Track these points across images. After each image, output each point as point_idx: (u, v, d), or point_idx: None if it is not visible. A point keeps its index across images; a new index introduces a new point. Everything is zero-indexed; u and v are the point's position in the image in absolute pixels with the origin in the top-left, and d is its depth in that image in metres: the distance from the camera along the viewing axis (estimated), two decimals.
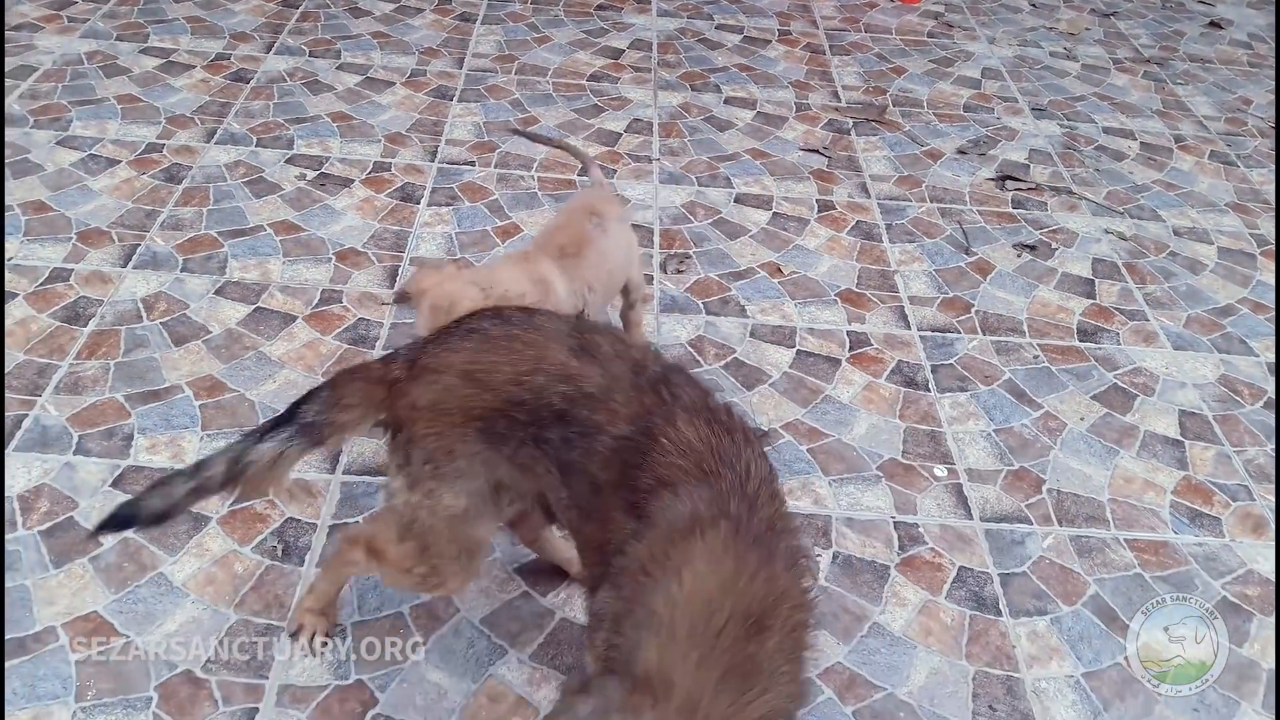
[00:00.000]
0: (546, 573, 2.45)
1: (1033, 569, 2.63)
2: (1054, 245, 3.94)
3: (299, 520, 2.50)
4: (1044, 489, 2.87)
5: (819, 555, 2.59)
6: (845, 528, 2.67)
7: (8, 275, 3.15)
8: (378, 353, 3.03)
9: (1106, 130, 4.81)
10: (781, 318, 3.38)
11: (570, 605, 2.39)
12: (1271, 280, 3.86)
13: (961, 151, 4.51)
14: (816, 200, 4.04)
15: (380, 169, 3.90)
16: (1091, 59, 5.53)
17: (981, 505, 2.79)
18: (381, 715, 2.13)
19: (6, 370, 2.82)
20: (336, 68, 4.55)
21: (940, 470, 2.89)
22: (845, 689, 2.29)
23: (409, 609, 2.33)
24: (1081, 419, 3.13)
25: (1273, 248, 4.06)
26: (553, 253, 2.66)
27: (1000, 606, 2.52)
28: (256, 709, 2.11)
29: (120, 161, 3.75)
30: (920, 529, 2.70)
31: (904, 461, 2.89)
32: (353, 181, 3.81)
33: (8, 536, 2.39)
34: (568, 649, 2.29)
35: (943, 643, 2.42)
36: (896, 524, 2.70)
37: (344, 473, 2.65)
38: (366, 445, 2.72)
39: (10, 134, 3.82)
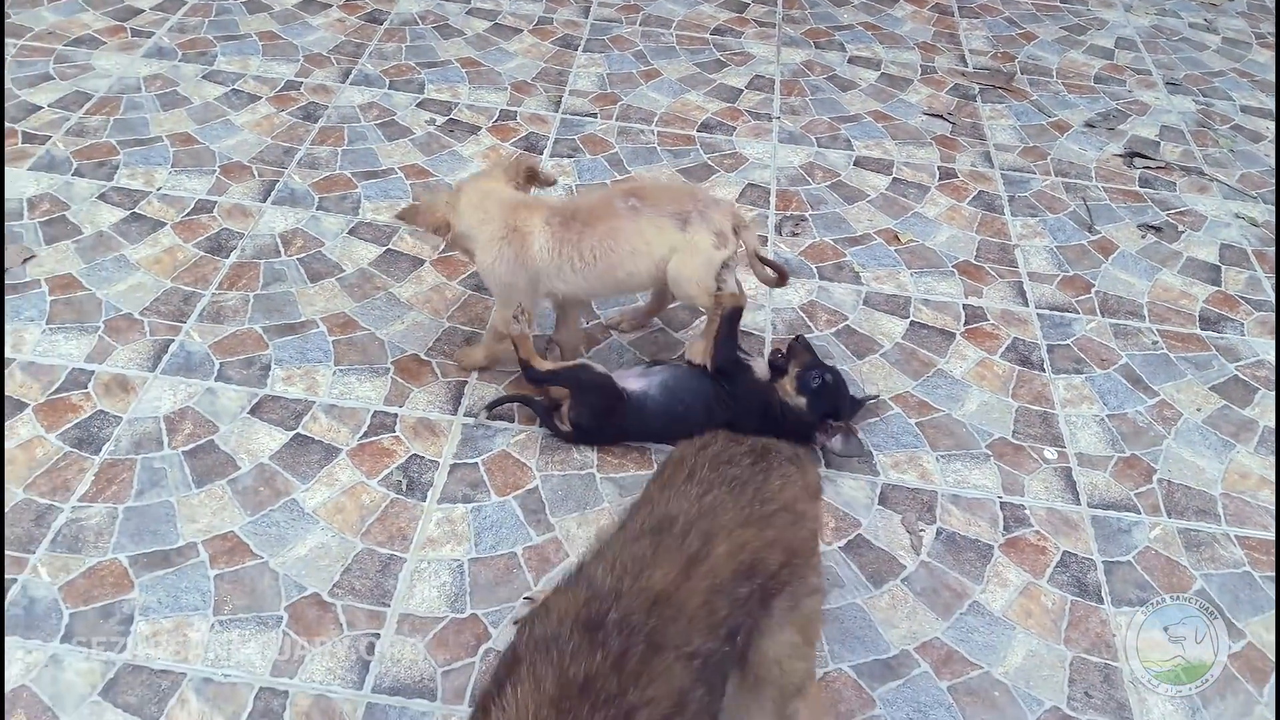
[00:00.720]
0: None
1: (1138, 559, 2.62)
2: (1180, 228, 3.81)
3: (422, 457, 2.63)
4: (1154, 479, 2.84)
5: (922, 530, 2.61)
6: (951, 504, 2.69)
7: (157, 204, 3.33)
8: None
9: (1244, 109, 4.60)
10: (896, 287, 3.37)
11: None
12: None
13: (1090, 125, 4.38)
14: (938, 167, 3.98)
15: (506, 117, 3.97)
16: (1233, 32, 5.27)
17: (1090, 491, 2.78)
18: (493, 650, 2.26)
19: (156, 296, 3.00)
20: (466, 12, 4.62)
21: (1050, 453, 2.87)
22: (941, 664, 2.34)
23: (522, 550, 2.45)
24: (1198, 409, 3.06)
25: None
26: (562, 213, 2.65)
27: (1103, 594, 2.52)
28: (377, 634, 2.26)
29: (261, 98, 3.90)
30: (1026, 511, 2.70)
31: (1014, 441, 2.89)
32: (480, 129, 3.89)
33: (155, 454, 2.56)
34: None
35: (1042, 625, 2.44)
36: (1003, 504, 2.71)
37: (465, 415, 2.76)
38: (488, 388, 2.83)
39: (159, 66, 4.00)
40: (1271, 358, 3.28)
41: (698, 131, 4.02)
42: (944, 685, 2.30)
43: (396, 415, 2.73)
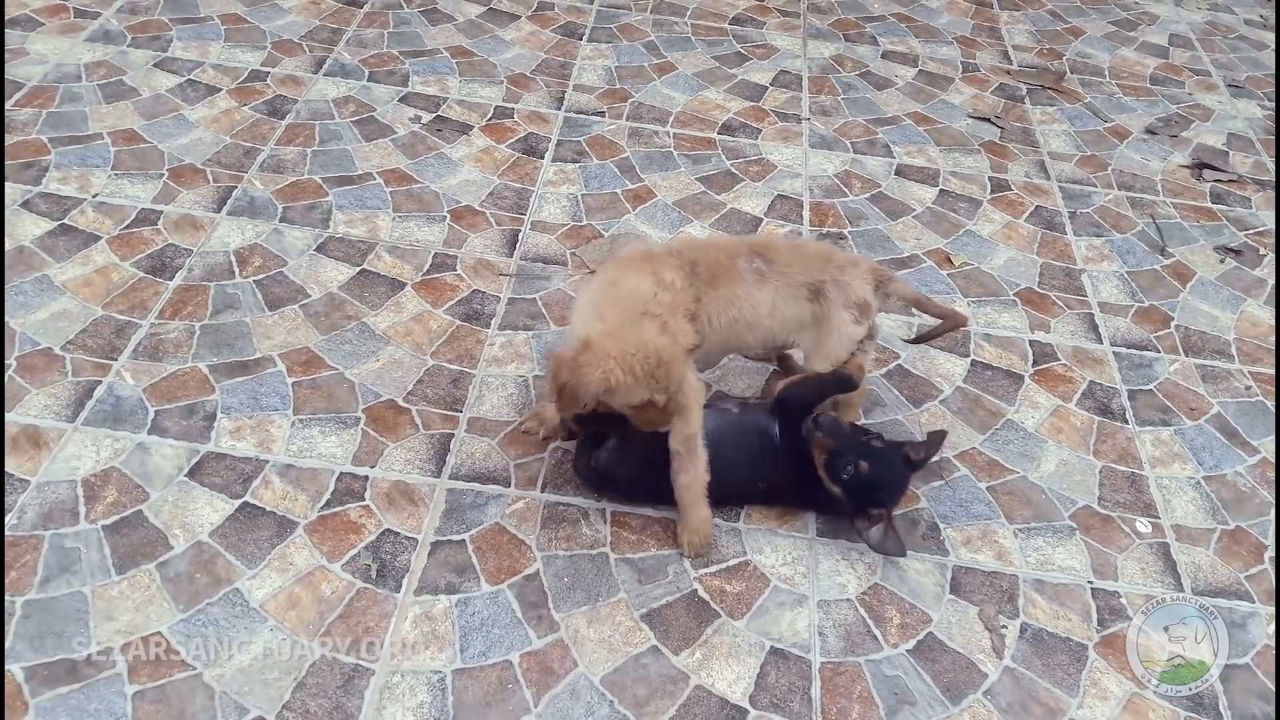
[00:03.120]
0: (679, 622, 2.07)
1: (1257, 660, 2.17)
2: (1261, 250, 3.37)
3: (397, 533, 2.16)
4: (1266, 557, 2.39)
5: (1004, 627, 2.16)
6: (1034, 592, 2.24)
7: (91, 214, 2.84)
8: (493, 331, 2.65)
9: None
10: None
11: (706, 669, 2.00)
12: None
13: (1150, 131, 3.93)
14: (989, 178, 3.52)
15: (502, 115, 3.49)
16: None
17: (1193, 574, 2.33)
18: None
19: (82, 327, 2.52)
20: None
21: (1143, 525, 2.42)
22: None
23: (519, 657, 1.98)
24: None
25: None
26: (683, 261, 2.21)
27: (1220, 709, 2.07)
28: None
29: (221, 90, 3.41)
30: (1122, 600, 2.25)
31: (1100, 511, 2.43)
32: (472, 128, 3.41)
33: (69, 529, 2.09)
34: None
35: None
36: (1094, 590, 2.26)
37: (450, 477, 2.29)
38: (477, 445, 2.36)
39: (104, 52, 3.50)
40: None
41: (719, 134, 3.55)
42: None
43: (367, 479, 2.26)
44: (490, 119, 3.46)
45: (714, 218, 3.17)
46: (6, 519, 2.08)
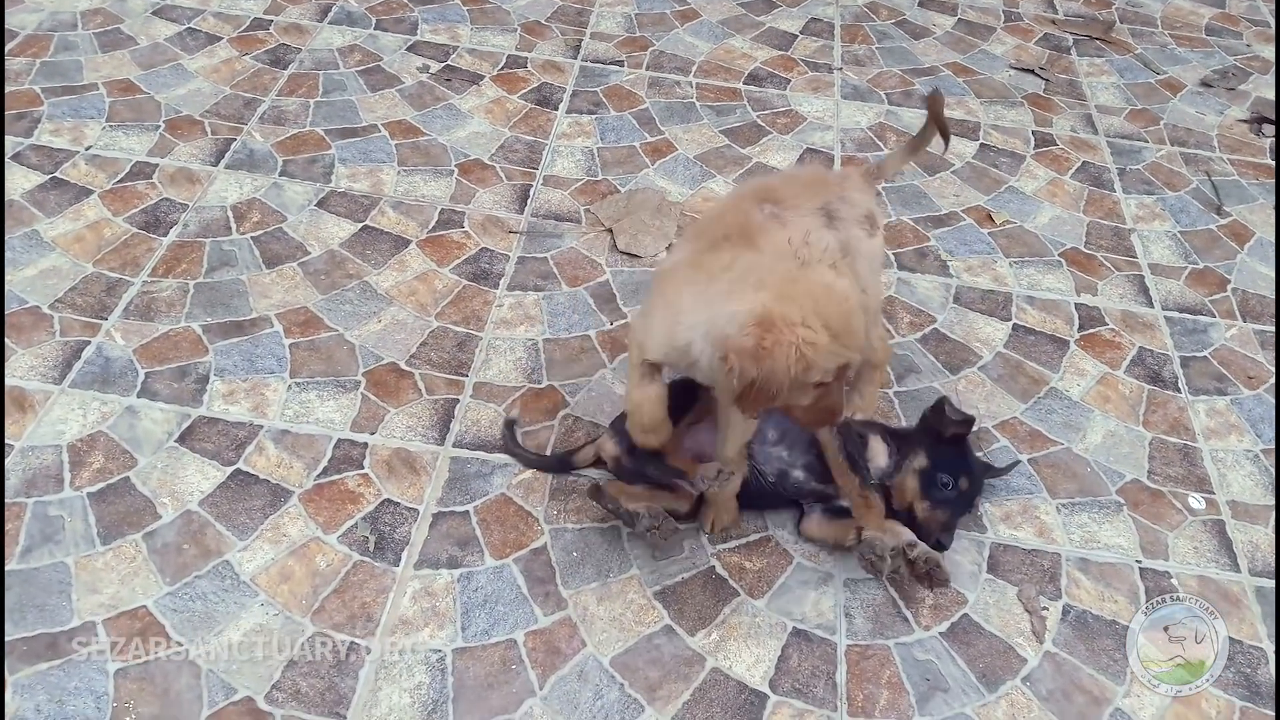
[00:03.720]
0: (695, 601, 1.94)
1: None
2: None
3: (397, 504, 2.03)
4: None
5: (1045, 609, 2.00)
6: (1079, 572, 2.08)
7: (84, 167, 2.71)
8: (501, 292, 2.51)
9: None
10: (994, 280, 2.73)
11: (724, 651, 1.87)
12: None
13: (1206, 84, 3.70)
14: (1033, 132, 3.32)
15: (515, 64, 3.33)
16: None
17: (1250, 553, 2.16)
18: None
19: (72, 285, 2.39)
20: None
21: (1196, 500, 2.26)
22: None
23: (523, 635, 1.85)
24: None
25: None
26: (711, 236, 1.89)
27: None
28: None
29: (221, 38, 3.27)
30: (1173, 580, 2.09)
31: (1150, 485, 2.27)
32: (483, 78, 3.24)
33: (52, 497, 1.98)
34: (721, 714, 1.78)
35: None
36: (1142, 570, 2.10)
37: (454, 445, 2.16)
38: (483, 411, 2.22)
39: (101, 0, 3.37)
40: None
41: (744, 84, 3.37)
42: None
43: (366, 446, 2.13)
44: (502, 68, 3.29)
45: (738, 172, 2.99)
46: None
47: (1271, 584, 2.11)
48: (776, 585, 1.99)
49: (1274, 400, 2.51)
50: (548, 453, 2.16)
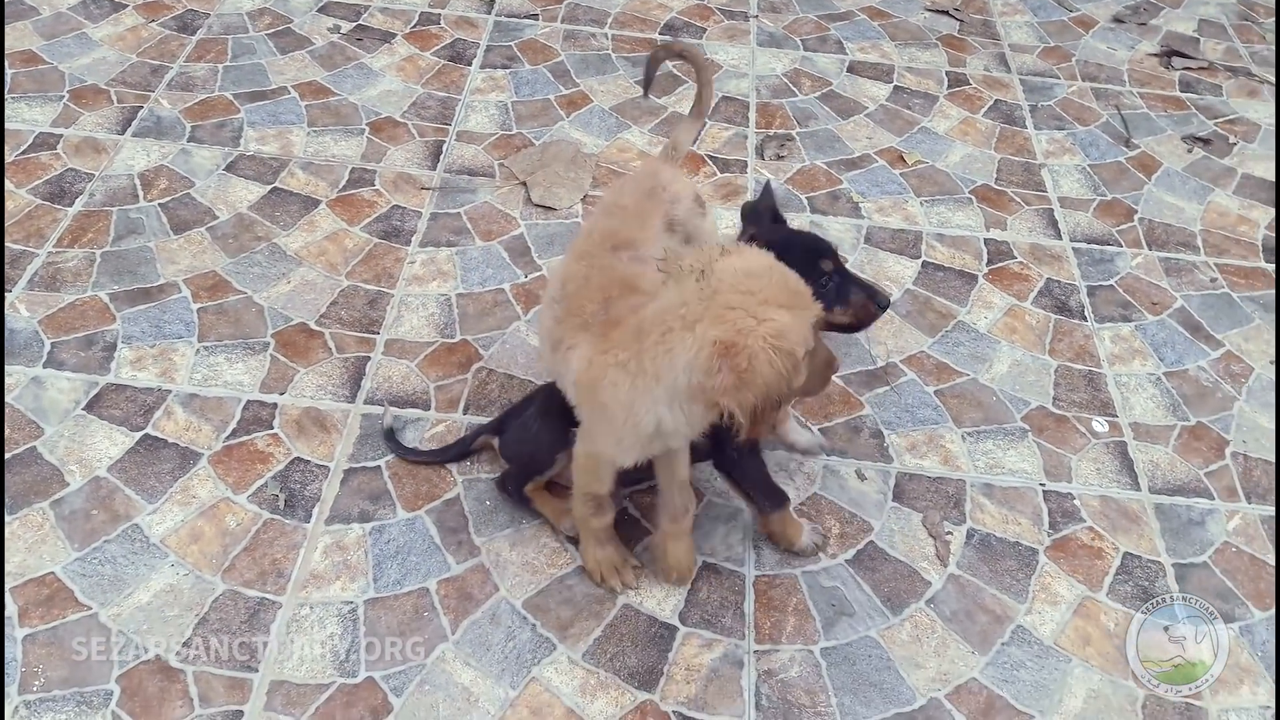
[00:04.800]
0: None
1: (1215, 559, 2.09)
2: (1231, 139, 3.22)
3: (307, 461, 2.04)
4: (1227, 452, 2.29)
5: (949, 533, 2.06)
6: (983, 497, 2.14)
7: None
8: (413, 249, 2.51)
9: None
10: (904, 219, 2.77)
11: (639, 589, 1.91)
12: None
13: (1118, 20, 3.74)
14: (946, 73, 3.35)
15: (428, 21, 3.30)
16: None
17: (1151, 473, 2.23)
18: None
19: None
20: None
21: (1100, 424, 2.32)
22: (981, 715, 1.80)
23: (435, 584, 1.88)
24: (1271, 362, 2.51)
25: None
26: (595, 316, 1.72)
27: (1175, 605, 1.99)
28: (241, 712, 1.69)
29: (126, 6, 3.20)
30: (1076, 503, 2.16)
31: (1055, 411, 2.33)
32: (395, 36, 3.22)
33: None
34: (632, 648, 1.82)
35: (1103, 656, 1.91)
36: (1046, 493, 2.16)
37: (366, 402, 2.17)
38: (394, 368, 2.23)
39: None
40: None
41: (660, 34, 3.37)
42: None
43: (276, 406, 2.13)
44: (415, 26, 3.26)
45: (654, 122, 3.00)
46: None
47: (1170, 500, 2.18)
48: None
49: (1179, 326, 2.58)
50: (460, 409, 2.17)
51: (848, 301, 1.89)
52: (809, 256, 1.83)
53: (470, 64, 3.13)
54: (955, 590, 1.98)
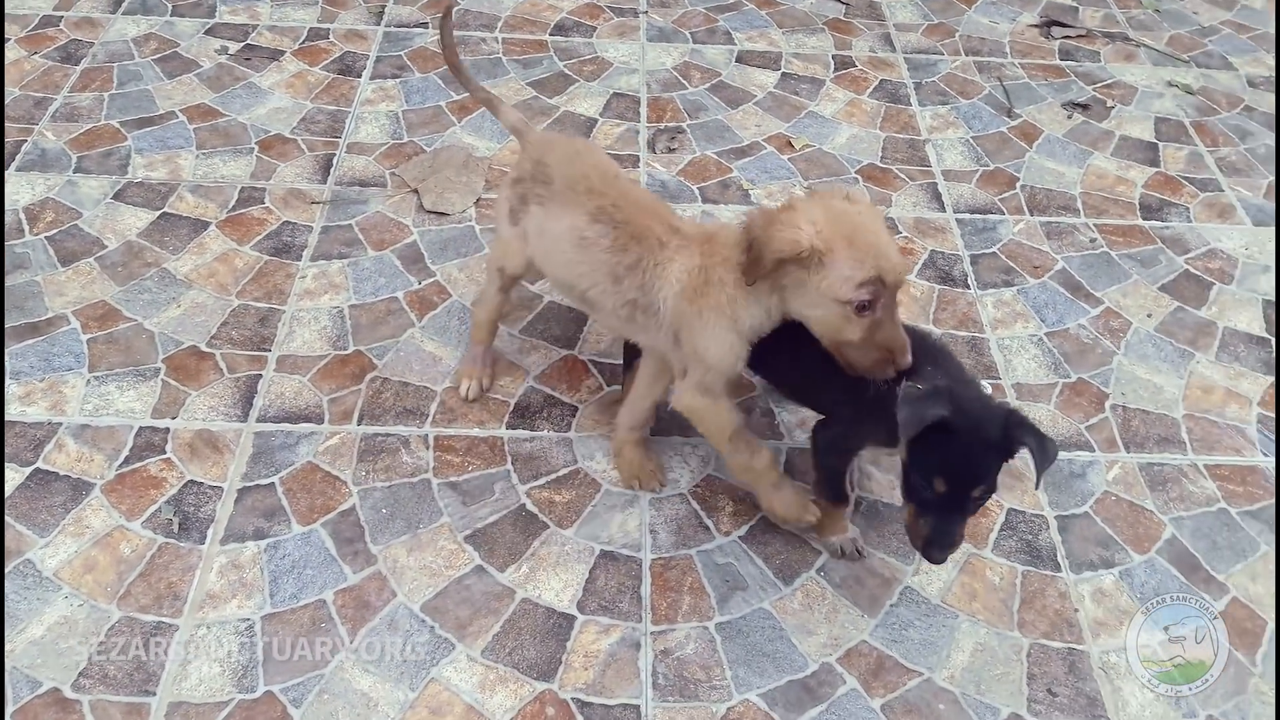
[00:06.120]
0: (505, 539, 2.01)
1: (1096, 508, 2.18)
2: (1110, 103, 3.33)
3: (201, 483, 2.05)
4: (1107, 405, 2.39)
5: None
6: (870, 466, 2.21)
7: None
8: (304, 263, 2.52)
9: None
10: None
11: (533, 582, 1.95)
12: None
13: None
14: (833, 56, 3.42)
15: (317, 36, 3.30)
16: None
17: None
18: None
19: None
20: None
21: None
22: (872, 675, 1.87)
23: (333, 595, 1.90)
24: (1149, 315, 2.61)
25: None
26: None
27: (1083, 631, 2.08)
28: None
29: (9, 39, 3.17)
30: None
31: None
32: (283, 53, 3.22)
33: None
34: (530, 641, 1.86)
35: (996, 616, 1.99)
36: None
37: (258, 420, 2.18)
38: (287, 384, 2.25)
39: None
40: (1226, 244, 2.84)
41: (551, 35, 3.40)
42: (875, 704, 1.84)
43: (168, 431, 2.14)
44: (304, 42, 3.27)
45: (546, 122, 3.04)
46: None
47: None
48: (585, 513, 2.08)
49: (1060, 287, 2.67)
50: (355, 420, 2.19)
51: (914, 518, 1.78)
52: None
53: (360, 76, 3.14)
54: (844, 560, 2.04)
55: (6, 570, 1.90)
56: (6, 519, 1.97)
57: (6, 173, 2.71)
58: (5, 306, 2.34)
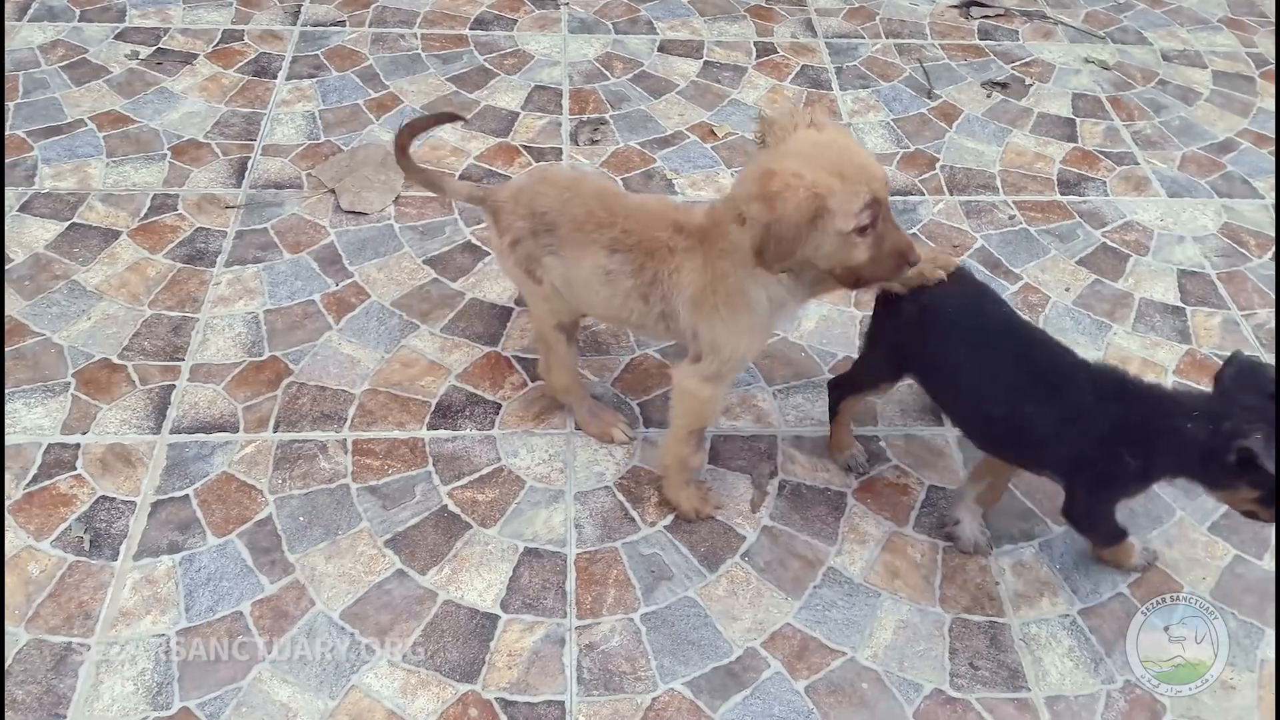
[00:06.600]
0: (427, 541, 2.00)
1: (1016, 482, 2.20)
2: (1028, 81, 3.37)
3: (112, 499, 2.01)
4: None
5: (767, 489, 2.14)
6: (794, 449, 2.22)
7: None
8: (218, 270, 2.48)
9: None
10: (716, 191, 2.83)
11: (455, 583, 1.94)
12: (1273, 106, 3.34)
13: None
14: (755, 43, 3.43)
15: (231, 38, 3.25)
16: None
17: None
18: None
19: None
20: None
21: None
22: (795, 658, 1.88)
23: (249, 606, 1.87)
24: (1067, 289, 2.65)
25: (1273, 68, 3.52)
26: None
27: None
28: None
29: None
30: (882, 442, 2.25)
31: None
32: (196, 57, 3.16)
33: None
34: (453, 643, 1.85)
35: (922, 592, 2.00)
36: (855, 437, 2.25)
37: (171, 431, 2.15)
38: (200, 393, 2.21)
39: None
40: (1142, 217, 2.88)
41: (470, 30, 3.37)
42: (800, 686, 1.85)
43: (79, 446, 2.10)
44: (218, 44, 3.21)
45: (467, 116, 3.01)
46: None
47: None
48: (509, 511, 2.07)
49: (980, 264, 2.70)
50: (270, 427, 2.16)
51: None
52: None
53: (275, 77, 3.09)
54: (769, 541, 2.05)
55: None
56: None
57: None
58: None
